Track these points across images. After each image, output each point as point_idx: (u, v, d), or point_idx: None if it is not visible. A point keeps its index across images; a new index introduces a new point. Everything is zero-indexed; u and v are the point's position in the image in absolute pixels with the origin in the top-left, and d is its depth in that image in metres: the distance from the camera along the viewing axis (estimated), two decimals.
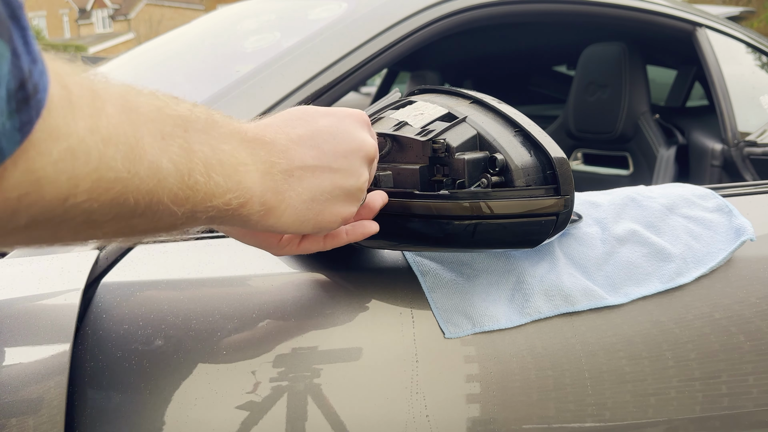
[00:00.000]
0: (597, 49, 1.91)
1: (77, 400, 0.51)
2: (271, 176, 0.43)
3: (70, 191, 0.29)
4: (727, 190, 0.89)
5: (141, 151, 0.33)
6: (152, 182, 0.33)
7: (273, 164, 0.43)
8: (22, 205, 0.28)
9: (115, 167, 0.31)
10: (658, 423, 0.65)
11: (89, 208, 0.31)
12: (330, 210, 0.47)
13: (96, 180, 0.30)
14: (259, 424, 0.54)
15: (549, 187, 0.57)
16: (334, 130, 0.48)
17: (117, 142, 0.31)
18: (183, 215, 0.36)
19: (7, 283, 0.55)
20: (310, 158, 0.46)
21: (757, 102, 1.56)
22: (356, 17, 0.92)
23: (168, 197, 0.35)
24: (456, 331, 0.61)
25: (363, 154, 0.49)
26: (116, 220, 0.33)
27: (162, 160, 0.34)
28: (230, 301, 0.59)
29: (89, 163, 0.30)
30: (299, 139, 0.45)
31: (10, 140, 0.26)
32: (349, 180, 0.48)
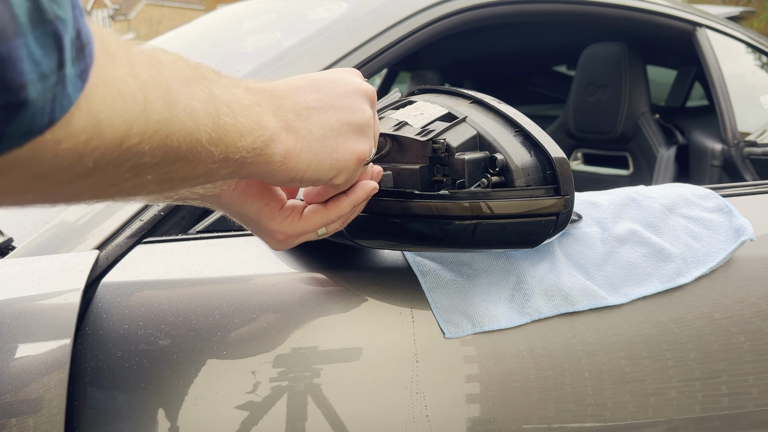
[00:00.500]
0: (597, 49, 1.91)
1: (77, 400, 0.51)
2: (281, 115, 0.45)
3: (125, 133, 0.31)
4: (727, 190, 0.89)
5: (175, 94, 0.35)
6: (189, 123, 0.36)
7: (280, 106, 0.45)
8: (88, 149, 0.30)
9: (159, 109, 0.33)
10: (658, 423, 0.65)
11: (141, 151, 0.33)
12: (343, 146, 0.49)
13: (145, 122, 0.32)
14: (259, 424, 0.54)
15: (549, 187, 0.57)
16: (330, 78, 0.50)
17: (154, 86, 0.34)
18: (218, 156, 0.39)
19: (7, 283, 0.55)
20: (313, 100, 0.48)
21: (757, 102, 1.56)
22: (356, 17, 0.92)
23: (205, 138, 0.37)
24: (456, 331, 0.61)
25: (362, 92, 0.51)
26: (162, 163, 0.35)
27: (194, 103, 0.36)
28: (230, 301, 0.59)
29: (137, 106, 0.32)
30: (298, 87, 0.48)
31: (74, 87, 0.28)
32: (355, 115, 0.49)
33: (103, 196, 0.36)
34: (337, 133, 0.48)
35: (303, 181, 0.48)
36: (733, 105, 1.47)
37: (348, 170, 0.50)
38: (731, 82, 1.48)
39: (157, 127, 0.33)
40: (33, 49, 0.25)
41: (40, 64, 0.26)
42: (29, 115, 0.26)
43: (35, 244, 0.61)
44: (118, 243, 0.62)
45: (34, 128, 0.27)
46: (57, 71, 0.26)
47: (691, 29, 1.47)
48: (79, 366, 0.52)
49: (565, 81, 2.44)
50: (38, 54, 0.25)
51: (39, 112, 0.26)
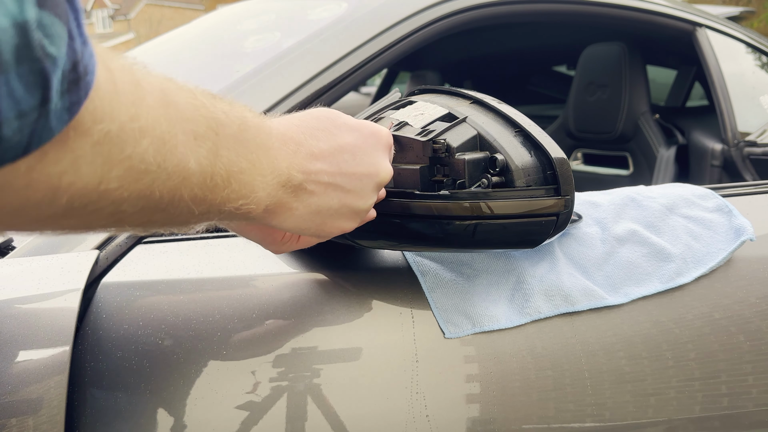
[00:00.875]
0: (597, 49, 1.91)
1: (77, 400, 0.51)
2: (284, 189, 0.44)
3: (104, 175, 0.30)
4: (727, 190, 0.89)
5: (173, 147, 0.34)
6: (177, 180, 0.34)
7: (290, 178, 0.44)
8: (63, 185, 0.29)
9: (147, 159, 0.32)
10: (658, 423, 0.65)
11: (119, 198, 0.32)
12: (332, 223, 0.49)
13: (128, 168, 0.31)
14: (259, 424, 0.54)
15: (549, 188, 0.57)
16: (355, 150, 0.49)
17: (152, 134, 0.32)
18: (199, 214, 0.38)
19: (7, 283, 0.55)
20: (326, 175, 0.47)
21: (757, 102, 1.56)
22: (356, 17, 0.92)
23: (189, 196, 0.36)
24: (456, 331, 0.61)
25: (377, 180, 0.50)
26: (141, 212, 0.34)
27: (190, 160, 0.35)
28: (230, 301, 0.59)
29: (124, 151, 0.31)
30: (320, 154, 0.46)
31: (59, 119, 0.27)
32: (358, 202, 0.49)
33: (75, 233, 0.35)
34: (333, 213, 0.48)
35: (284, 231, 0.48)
36: (733, 105, 1.47)
37: (328, 237, 0.51)
38: (731, 82, 1.48)
39: (140, 176, 0.32)
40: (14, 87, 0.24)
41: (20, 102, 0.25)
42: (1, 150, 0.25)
43: (35, 244, 0.61)
44: (118, 243, 0.62)
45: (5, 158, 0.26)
46: (39, 108, 0.26)
47: (691, 29, 1.47)
48: (79, 366, 0.52)
49: (565, 81, 2.44)
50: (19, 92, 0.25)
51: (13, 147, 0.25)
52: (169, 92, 0.35)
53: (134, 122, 0.31)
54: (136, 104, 0.31)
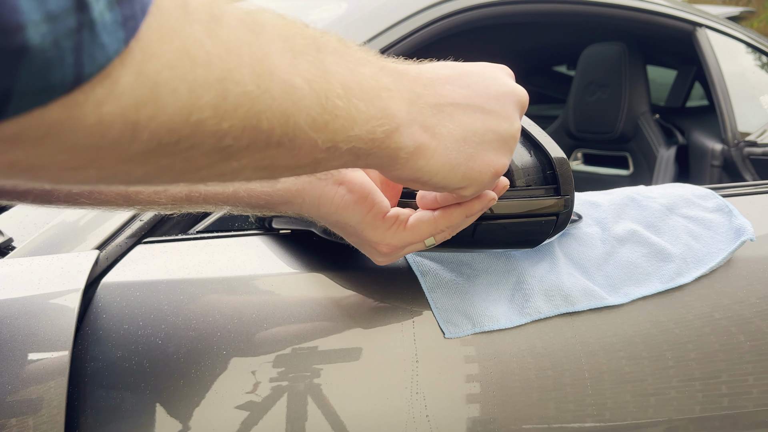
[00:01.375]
0: (597, 49, 1.91)
1: (77, 400, 0.51)
2: (418, 107, 0.38)
3: (193, 103, 0.26)
4: (727, 190, 0.89)
5: (270, 65, 0.29)
6: (286, 102, 0.29)
7: (419, 95, 0.38)
8: (142, 118, 0.25)
9: (242, 80, 0.27)
10: (658, 423, 0.65)
11: (219, 130, 0.27)
12: (482, 156, 0.42)
13: (222, 92, 0.27)
14: (259, 424, 0.54)
15: (549, 187, 0.57)
16: (482, 73, 0.43)
17: (240, 52, 0.27)
18: (323, 145, 0.32)
19: (7, 283, 0.55)
20: (460, 96, 0.41)
21: (757, 102, 1.56)
22: (356, 17, 0.92)
23: (305, 121, 0.31)
24: (456, 331, 0.61)
25: (515, 98, 0.44)
26: (252, 148, 0.30)
27: (295, 78, 0.30)
28: (230, 301, 0.59)
29: (211, 72, 0.26)
30: (446, 78, 0.41)
31: (112, 36, 0.23)
32: (503, 124, 0.43)
33: (186, 181, 0.31)
34: (480, 138, 0.42)
35: (428, 184, 0.41)
36: (733, 105, 1.47)
37: (480, 183, 0.43)
38: (731, 82, 1.48)
39: (239, 101, 0.27)
40: None
41: (47, 1, 0.21)
42: (39, 66, 0.21)
43: (35, 244, 0.61)
44: (118, 243, 0.62)
45: (55, 84, 0.22)
46: (76, 12, 0.22)
47: (691, 29, 1.47)
48: (79, 366, 0.52)
49: (565, 81, 2.44)
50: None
51: (55, 63, 0.21)
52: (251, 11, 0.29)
53: (214, 39, 0.26)
54: (213, 21, 0.27)
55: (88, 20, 0.22)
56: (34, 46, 0.21)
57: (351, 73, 0.33)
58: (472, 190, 0.44)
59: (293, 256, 0.65)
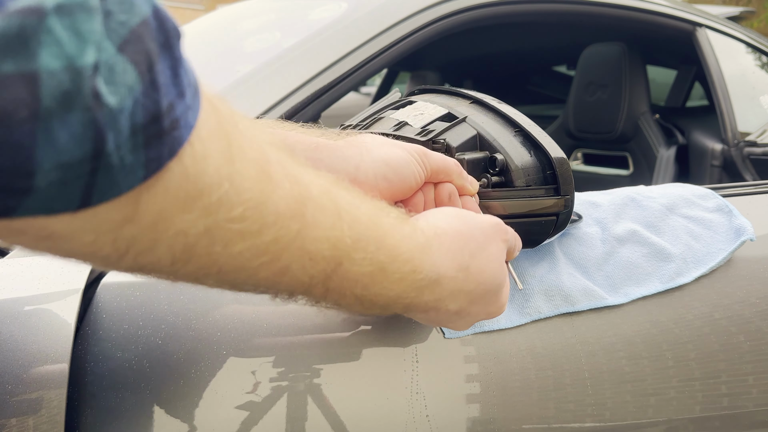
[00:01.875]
0: (597, 49, 1.91)
1: (77, 400, 0.51)
2: (426, 296, 0.44)
3: (178, 260, 0.29)
4: (727, 190, 0.89)
5: (284, 270, 0.32)
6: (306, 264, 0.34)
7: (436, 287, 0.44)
8: (130, 255, 0.27)
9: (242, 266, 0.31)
10: (658, 423, 0.65)
11: (197, 276, 0.31)
12: (461, 322, 0.49)
13: (216, 264, 0.30)
14: (259, 424, 0.54)
15: (549, 187, 0.57)
16: (484, 268, 0.48)
17: (260, 252, 0.31)
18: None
19: (7, 283, 0.55)
20: (464, 300, 0.47)
21: (757, 102, 1.56)
22: (356, 17, 0.92)
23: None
24: (456, 331, 0.61)
25: (506, 287, 0.50)
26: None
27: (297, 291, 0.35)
28: (230, 301, 0.59)
29: (213, 248, 0.29)
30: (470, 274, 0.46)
31: (128, 175, 0.24)
32: (491, 309, 0.50)
33: None
34: (467, 317, 0.48)
35: None
36: (733, 105, 1.47)
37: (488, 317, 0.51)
38: (731, 82, 1.48)
39: (230, 278, 0.31)
40: (57, 135, 0.21)
41: (62, 153, 0.22)
42: (43, 199, 0.22)
43: None
44: None
45: (56, 209, 0.23)
46: (92, 160, 0.23)
47: (691, 29, 1.47)
48: (79, 366, 0.52)
49: (565, 81, 2.44)
50: (63, 141, 0.22)
51: (59, 198, 0.23)
52: (308, 198, 0.32)
53: (238, 223, 0.28)
54: (252, 202, 0.29)
55: (105, 164, 0.23)
56: (40, 188, 0.22)
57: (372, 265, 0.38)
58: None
59: None
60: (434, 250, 0.43)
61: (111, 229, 0.25)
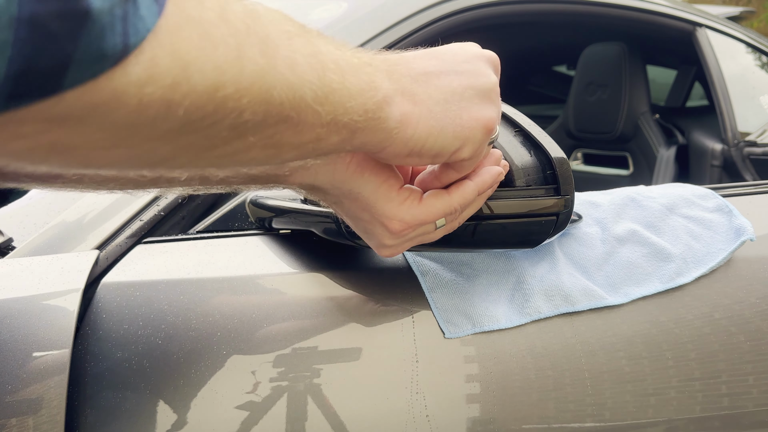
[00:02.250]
0: (597, 49, 1.91)
1: (77, 400, 0.51)
2: (395, 78, 0.41)
3: (218, 80, 0.28)
4: (727, 190, 0.89)
5: (273, 45, 0.32)
6: (292, 77, 0.33)
7: (393, 70, 0.41)
8: (177, 96, 0.27)
9: (255, 58, 0.30)
10: (658, 423, 0.65)
11: (239, 105, 0.30)
12: (468, 112, 0.44)
13: (240, 69, 0.29)
14: (259, 424, 0.54)
15: (549, 187, 0.57)
16: (448, 48, 0.46)
17: (249, 33, 0.30)
18: (326, 118, 0.35)
19: (7, 283, 0.55)
20: (431, 65, 0.43)
21: (757, 102, 1.56)
22: (356, 17, 0.92)
23: (310, 95, 0.34)
24: (456, 331, 0.61)
25: (485, 58, 0.47)
26: (264, 123, 0.32)
27: (295, 56, 0.33)
28: (230, 301, 0.59)
29: (229, 52, 0.29)
30: (414, 56, 0.44)
31: (149, 9, 0.25)
32: (479, 79, 0.45)
33: (202, 161, 0.33)
34: (460, 96, 0.43)
35: (423, 153, 0.43)
36: (733, 105, 1.47)
37: (474, 141, 0.44)
38: (731, 82, 1.48)
39: (255, 77, 0.30)
40: None
41: None
42: (97, 32, 0.22)
43: (35, 244, 0.61)
44: (118, 243, 0.62)
45: (107, 51, 0.23)
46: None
47: (691, 29, 1.47)
48: (79, 366, 0.52)
49: (565, 81, 2.44)
50: None
51: (108, 29, 0.23)
52: (243, 2, 0.32)
53: (227, 24, 0.29)
54: (221, 7, 0.29)
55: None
56: (95, 9, 0.22)
57: (337, 51, 0.37)
58: (469, 150, 0.45)
59: (293, 256, 0.65)
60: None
61: (152, 74, 0.25)
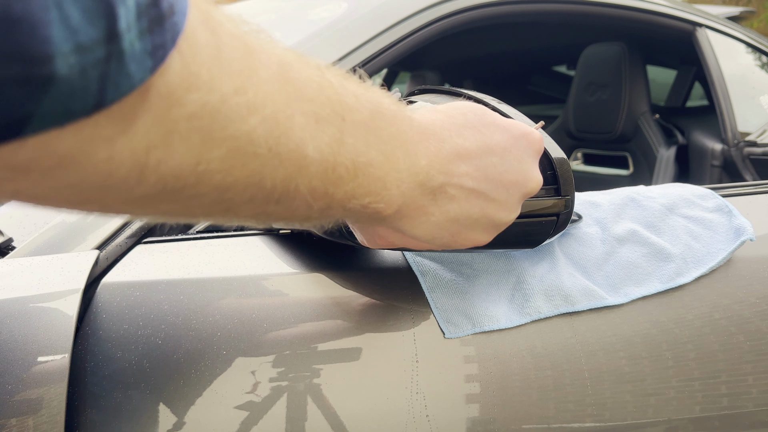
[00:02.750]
0: (597, 49, 1.91)
1: (77, 400, 0.51)
2: (422, 190, 0.38)
3: (202, 156, 0.26)
4: (727, 190, 0.89)
5: (288, 130, 0.29)
6: (292, 168, 0.30)
7: (430, 177, 0.38)
8: (151, 162, 0.24)
9: (256, 141, 0.27)
10: (658, 423, 0.65)
11: (222, 183, 0.27)
12: (467, 235, 0.43)
13: (232, 150, 0.27)
14: (259, 424, 0.54)
15: (549, 188, 0.57)
16: (505, 154, 0.43)
17: (263, 113, 0.28)
18: (318, 209, 0.33)
19: (7, 283, 0.55)
20: (471, 180, 0.41)
21: (757, 102, 1.56)
22: (356, 17, 0.92)
23: (306, 188, 0.31)
24: (456, 331, 0.61)
25: (525, 190, 0.45)
26: (252, 203, 0.30)
27: (308, 146, 0.30)
28: (230, 301, 0.59)
29: (227, 128, 0.26)
30: (466, 154, 0.41)
31: (139, 64, 0.22)
32: (500, 213, 0.43)
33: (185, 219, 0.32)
34: (471, 223, 0.42)
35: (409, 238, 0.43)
36: (733, 105, 1.47)
37: (458, 247, 0.45)
38: (731, 82, 1.48)
39: (247, 159, 0.27)
40: (69, 12, 0.20)
41: (78, 32, 0.20)
42: (62, 94, 0.21)
43: (35, 244, 0.61)
44: (118, 243, 0.62)
45: (75, 110, 0.22)
46: (106, 43, 0.21)
47: (691, 29, 1.47)
48: (79, 366, 0.53)
49: (565, 81, 2.44)
50: (76, 19, 0.20)
51: (78, 91, 0.21)
52: (289, 66, 0.29)
53: (240, 96, 0.26)
54: (245, 76, 0.27)
55: (117, 50, 0.22)
56: (61, 76, 0.20)
57: (367, 147, 0.34)
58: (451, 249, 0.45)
59: (293, 256, 0.65)
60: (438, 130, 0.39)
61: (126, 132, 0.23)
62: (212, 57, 0.25)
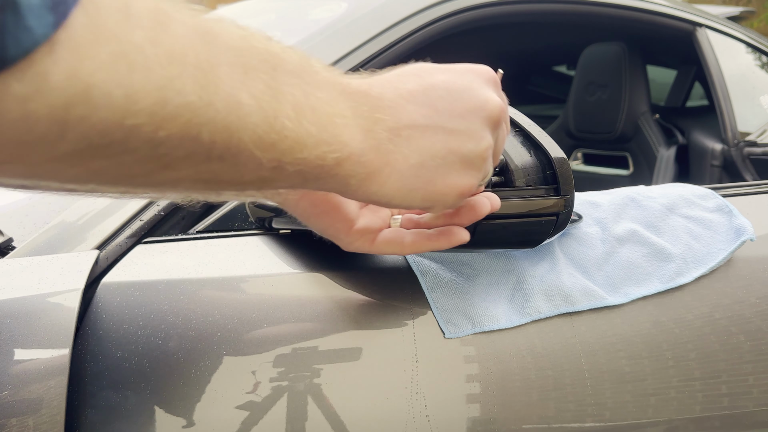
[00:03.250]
0: (597, 49, 1.91)
1: (77, 400, 0.51)
2: (373, 134, 0.37)
3: (127, 108, 0.25)
4: (727, 190, 0.89)
5: (215, 78, 0.28)
6: (230, 117, 0.29)
7: (377, 121, 0.37)
8: (72, 118, 0.24)
9: (183, 90, 0.27)
10: (658, 423, 0.65)
11: (155, 138, 0.26)
12: (443, 179, 0.40)
13: (159, 100, 0.26)
14: (259, 424, 0.54)
15: (549, 187, 0.57)
16: (450, 86, 0.41)
17: (185, 61, 0.27)
18: (269, 164, 0.31)
19: (7, 283, 0.55)
20: (421, 116, 0.39)
21: (757, 102, 1.56)
22: (356, 17, 0.92)
23: (250, 139, 0.30)
24: (456, 331, 0.61)
25: (484, 114, 0.41)
26: (191, 161, 0.29)
27: (242, 94, 0.29)
28: (230, 301, 0.59)
29: (150, 79, 0.25)
30: (409, 95, 0.39)
31: (39, 19, 0.22)
32: (467, 144, 0.41)
33: (121, 187, 0.30)
34: (439, 162, 0.40)
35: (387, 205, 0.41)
36: (733, 105, 1.47)
37: (445, 204, 0.42)
38: (731, 82, 1.48)
39: (178, 111, 0.27)
40: None
41: None
42: None
43: (35, 244, 0.61)
44: (118, 243, 0.62)
45: None
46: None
47: (691, 29, 1.47)
48: (79, 366, 0.52)
49: (565, 81, 2.44)
50: None
51: None
52: (206, 22, 0.28)
53: (157, 47, 0.26)
54: (157, 29, 0.26)
55: (11, 1, 0.21)
56: None
57: (306, 95, 0.33)
58: (439, 209, 0.43)
59: (293, 256, 0.65)
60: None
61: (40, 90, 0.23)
62: (120, 11, 0.25)
